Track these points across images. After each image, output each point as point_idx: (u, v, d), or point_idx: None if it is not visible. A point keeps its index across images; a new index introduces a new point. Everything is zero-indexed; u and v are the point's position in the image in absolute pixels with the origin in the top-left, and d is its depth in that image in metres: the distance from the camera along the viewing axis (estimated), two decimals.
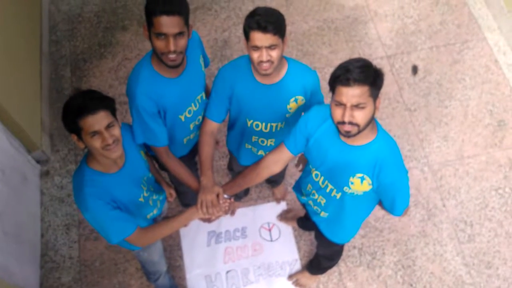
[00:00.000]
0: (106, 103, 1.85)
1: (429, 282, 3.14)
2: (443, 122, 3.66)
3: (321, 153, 2.08)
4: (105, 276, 3.12)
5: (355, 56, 3.88)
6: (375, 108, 1.86)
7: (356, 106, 1.80)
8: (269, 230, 3.26)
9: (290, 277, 3.11)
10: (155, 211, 2.34)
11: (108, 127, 1.84)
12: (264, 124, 2.35)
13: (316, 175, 2.17)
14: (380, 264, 3.18)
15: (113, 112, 1.89)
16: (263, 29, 1.97)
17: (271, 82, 2.20)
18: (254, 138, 2.47)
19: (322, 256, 2.83)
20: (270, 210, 3.33)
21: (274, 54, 2.04)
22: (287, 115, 2.32)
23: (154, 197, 2.30)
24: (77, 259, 3.15)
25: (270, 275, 3.11)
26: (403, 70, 3.87)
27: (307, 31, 4.03)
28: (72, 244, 3.19)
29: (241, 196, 3.30)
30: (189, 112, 2.32)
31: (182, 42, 2.01)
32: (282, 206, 3.34)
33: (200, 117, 2.42)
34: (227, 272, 3.12)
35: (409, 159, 3.52)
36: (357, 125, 1.84)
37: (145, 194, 2.20)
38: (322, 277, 3.12)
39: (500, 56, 3.94)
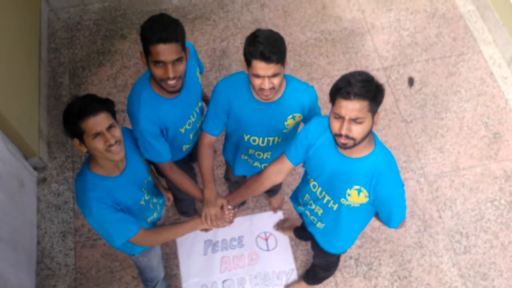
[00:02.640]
0: (106, 105, 1.87)
1: None
2: (439, 133, 3.69)
3: (319, 164, 2.09)
4: (100, 284, 3.10)
5: (352, 67, 3.93)
6: (373, 123, 1.87)
7: (354, 120, 1.81)
8: (266, 239, 3.27)
9: (287, 287, 3.11)
10: (155, 215, 2.35)
11: (109, 128, 1.85)
12: (261, 139, 2.37)
13: (314, 186, 2.18)
14: (377, 274, 3.19)
15: (113, 114, 1.90)
16: (267, 59, 1.96)
17: (270, 101, 2.21)
18: (250, 151, 2.49)
19: (319, 267, 2.83)
20: (267, 220, 3.33)
21: (276, 81, 2.05)
22: (284, 131, 2.34)
23: (154, 200, 2.32)
24: (73, 266, 3.14)
25: (266, 285, 3.11)
26: (399, 82, 3.90)
27: (305, 42, 4.07)
28: (68, 251, 3.18)
29: (238, 206, 3.30)
30: (189, 124, 2.35)
31: (180, 67, 2.02)
32: (279, 215, 3.35)
33: (199, 125, 2.45)
34: (224, 281, 3.12)
35: (405, 170, 3.54)
36: (353, 139, 1.85)
37: (146, 197, 2.21)
38: (318, 287, 3.12)
39: (495, 69, 3.98)
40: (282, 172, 2.23)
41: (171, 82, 2.03)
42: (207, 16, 4.16)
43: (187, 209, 3.16)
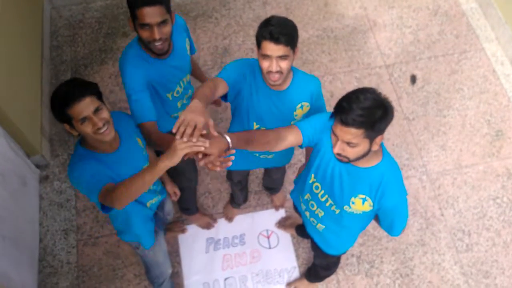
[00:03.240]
0: (90, 89, 1.87)
1: None
2: (441, 131, 3.68)
3: (326, 167, 2.06)
4: (103, 282, 3.11)
5: (354, 65, 3.92)
6: (372, 144, 1.81)
7: (347, 144, 1.78)
8: (268, 237, 3.27)
9: (289, 284, 3.11)
10: (154, 200, 2.33)
11: (96, 111, 1.85)
12: None
13: (317, 187, 2.16)
14: (378, 272, 3.19)
15: (99, 96, 1.90)
16: (276, 40, 1.97)
17: (280, 89, 2.22)
18: None
19: (319, 266, 2.83)
20: (269, 217, 3.33)
21: (284, 65, 2.04)
22: (292, 122, 2.32)
23: (152, 187, 2.30)
24: (75, 264, 3.15)
25: (268, 283, 3.11)
26: (401, 79, 3.89)
27: (307, 39, 4.06)
28: (70, 249, 3.19)
29: (240, 204, 3.30)
30: (177, 92, 2.42)
31: (166, 29, 2.12)
32: (281, 213, 3.35)
33: (187, 96, 2.51)
34: (225, 279, 3.12)
35: (408, 168, 3.53)
36: (346, 157, 1.84)
37: None
38: (320, 285, 3.12)
39: (498, 67, 3.97)
40: (285, 141, 2.02)
41: (158, 44, 2.13)
42: (209, 14, 4.16)
43: (189, 204, 3.16)
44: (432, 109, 3.77)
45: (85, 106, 1.82)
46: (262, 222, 3.32)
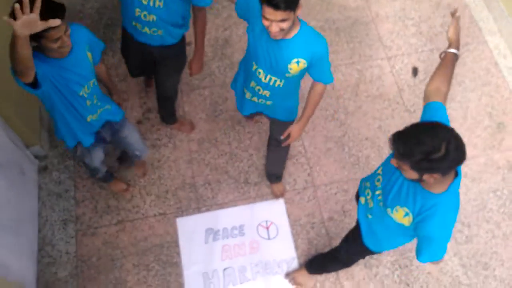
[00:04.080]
0: (63, 12, 2.05)
1: (426, 282, 3.14)
2: None
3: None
4: (101, 272, 3.11)
5: (356, 57, 3.90)
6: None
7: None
8: (267, 228, 3.26)
9: (287, 275, 3.11)
10: (94, 117, 2.52)
11: (65, 31, 2.08)
12: (265, 74, 2.38)
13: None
14: (377, 263, 3.18)
15: None
16: (274, 6, 2.00)
17: (281, 38, 2.22)
18: (252, 84, 2.49)
19: (338, 259, 2.73)
20: (268, 208, 3.33)
21: (285, 25, 2.09)
22: (286, 74, 2.34)
23: (95, 101, 2.45)
24: (74, 254, 3.15)
25: (267, 273, 3.11)
26: (403, 72, 3.87)
27: None
28: (69, 239, 3.19)
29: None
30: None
31: None
32: (280, 203, 3.33)
33: (153, 18, 2.57)
34: (224, 269, 3.12)
35: None
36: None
37: (84, 95, 2.35)
38: (319, 276, 3.11)
39: (500, 59, 3.94)
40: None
41: None
42: (210, 5, 4.13)
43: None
44: None
45: (60, 29, 2.04)
46: (261, 213, 3.31)
